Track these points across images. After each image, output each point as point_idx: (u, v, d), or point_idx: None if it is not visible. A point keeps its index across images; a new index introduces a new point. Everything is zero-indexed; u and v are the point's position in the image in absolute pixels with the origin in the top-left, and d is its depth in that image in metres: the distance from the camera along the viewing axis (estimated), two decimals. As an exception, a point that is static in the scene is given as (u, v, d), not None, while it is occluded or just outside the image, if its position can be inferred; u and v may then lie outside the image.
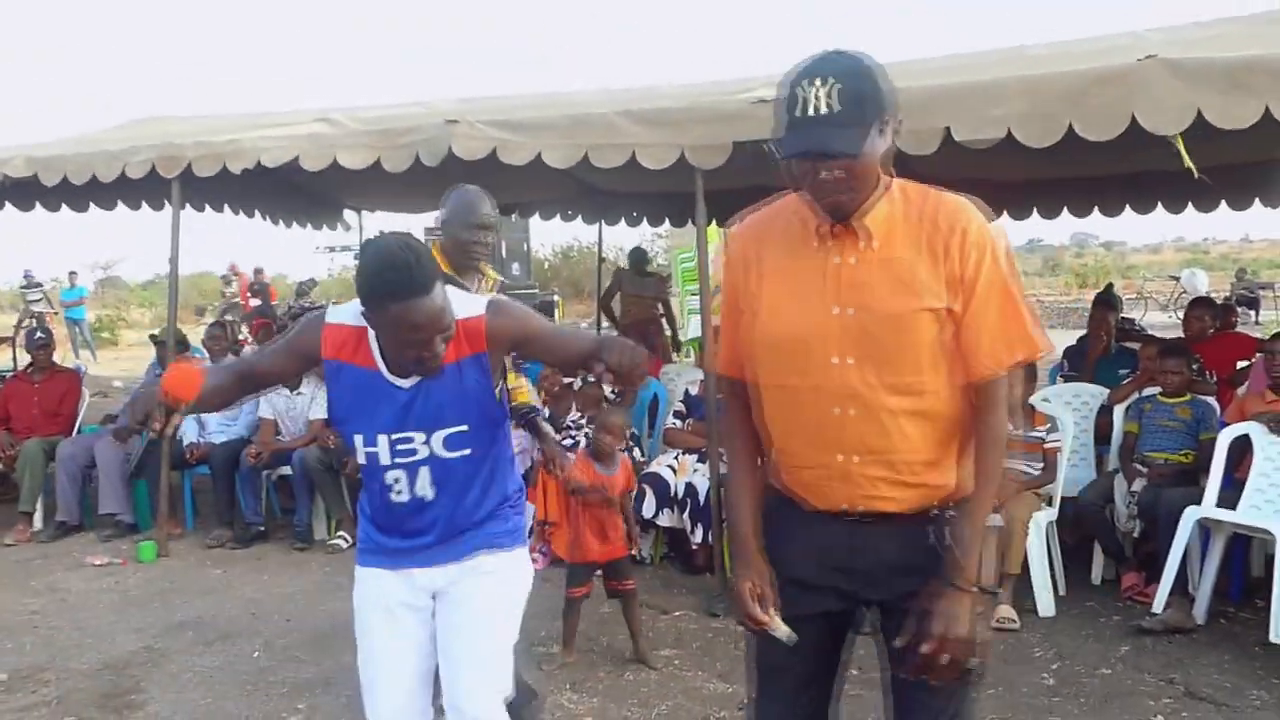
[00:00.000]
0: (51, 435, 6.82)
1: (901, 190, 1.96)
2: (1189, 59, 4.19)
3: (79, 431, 7.01)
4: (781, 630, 2.02)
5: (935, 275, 1.89)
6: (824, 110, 1.80)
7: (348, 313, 2.33)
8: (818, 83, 1.80)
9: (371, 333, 2.27)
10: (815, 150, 1.83)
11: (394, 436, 2.31)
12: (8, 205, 7.56)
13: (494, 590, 2.45)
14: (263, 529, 6.38)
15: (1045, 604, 4.70)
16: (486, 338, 2.31)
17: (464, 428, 2.32)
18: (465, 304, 2.30)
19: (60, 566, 5.91)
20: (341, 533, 6.16)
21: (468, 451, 2.35)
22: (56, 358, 7.58)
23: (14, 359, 8.91)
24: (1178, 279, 23.30)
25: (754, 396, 2.08)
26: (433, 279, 2.14)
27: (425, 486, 2.35)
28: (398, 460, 2.33)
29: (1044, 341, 1.98)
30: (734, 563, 2.12)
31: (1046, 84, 4.42)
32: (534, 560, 5.59)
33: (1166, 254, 51.79)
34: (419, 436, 2.31)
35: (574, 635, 4.29)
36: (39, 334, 7.32)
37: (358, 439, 2.34)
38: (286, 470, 6.42)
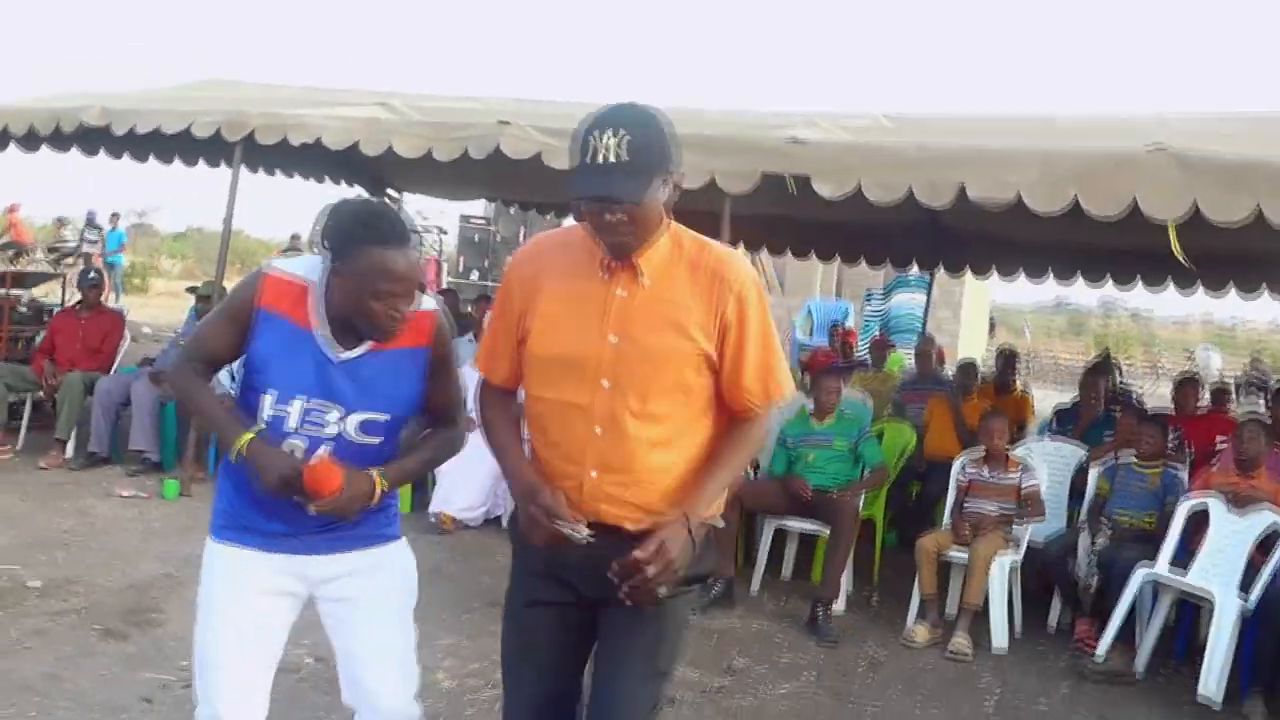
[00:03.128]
0: (91, 370, 7.21)
1: (677, 237, 2.15)
2: (1193, 153, 4.49)
3: (118, 371, 7.39)
4: (581, 531, 2.08)
5: (705, 320, 2.10)
6: (613, 159, 1.95)
7: (294, 266, 2.29)
8: (609, 133, 1.96)
9: (315, 292, 2.23)
10: (601, 195, 1.99)
11: (310, 404, 2.22)
12: (74, 149, 8.01)
13: (394, 585, 2.42)
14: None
15: (1000, 640, 5.02)
16: (432, 334, 2.32)
17: (384, 417, 2.29)
18: (419, 298, 2.28)
19: (89, 493, 6.30)
20: None
21: (379, 440, 2.30)
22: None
23: (63, 295, 9.33)
24: (1192, 356, 23.52)
25: (524, 403, 2.24)
26: (410, 237, 2.18)
27: None
28: (304, 430, 2.24)
29: (792, 387, 2.24)
30: (519, 501, 2.19)
31: (1060, 158, 4.74)
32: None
33: (1193, 330, 51.57)
34: (335, 412, 2.24)
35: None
36: (92, 274, 7.73)
37: (268, 397, 2.22)
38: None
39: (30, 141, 7.41)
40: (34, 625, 4.20)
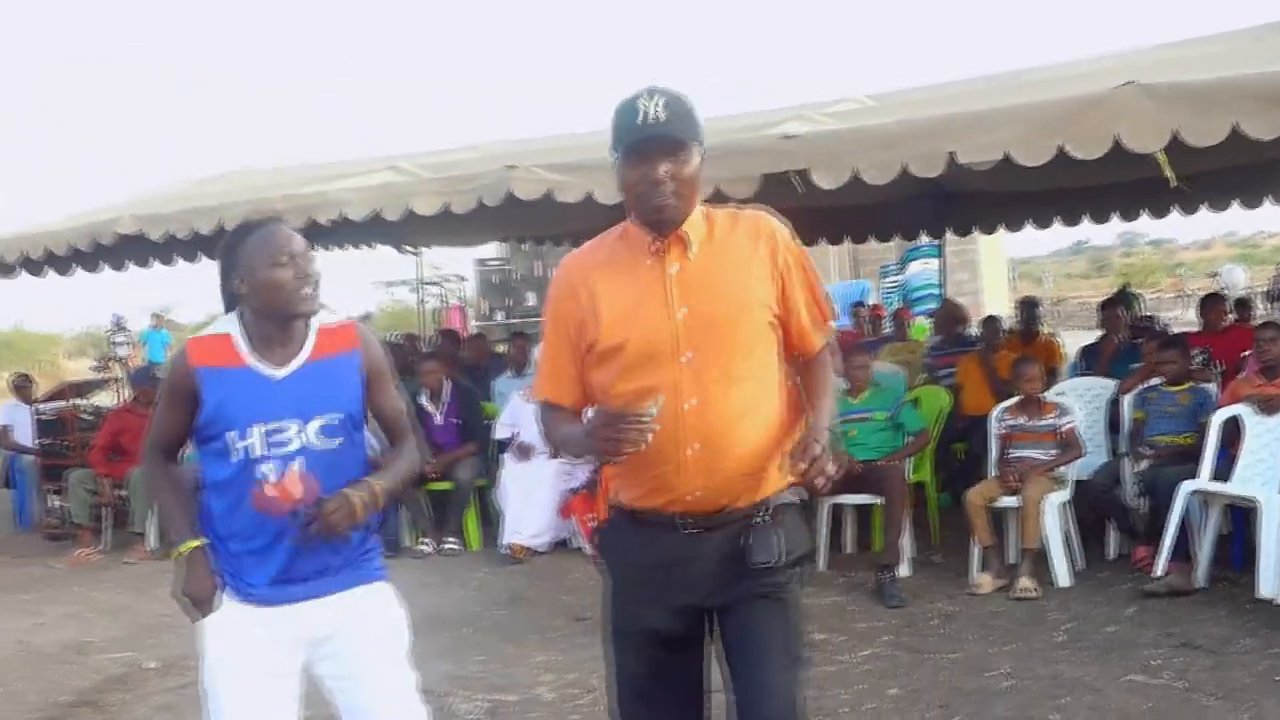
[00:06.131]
0: (161, 463, 7.56)
1: (708, 213, 2.27)
2: (1162, 84, 4.69)
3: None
4: (650, 409, 2.02)
5: (764, 274, 2.22)
6: (659, 117, 2.11)
7: (210, 328, 2.44)
8: (653, 98, 2.12)
9: (236, 335, 2.37)
10: (654, 135, 2.11)
11: (268, 426, 2.32)
12: (104, 266, 8.40)
13: (385, 632, 2.47)
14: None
15: (1062, 575, 5.23)
16: (358, 338, 2.45)
17: (338, 416, 2.38)
18: (328, 316, 2.46)
19: (180, 578, 6.61)
20: (425, 540, 6.81)
21: (340, 441, 2.38)
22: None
23: (119, 396, 9.74)
24: (1217, 275, 23.49)
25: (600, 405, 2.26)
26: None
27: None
28: (272, 451, 2.32)
29: (834, 308, 2.40)
30: (589, 443, 2.15)
31: (1038, 110, 4.96)
32: (594, 560, 6.27)
33: (1217, 249, 51.33)
34: (293, 426, 2.34)
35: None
36: (154, 373, 8.12)
37: (230, 437, 2.32)
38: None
39: (65, 263, 7.81)
40: (160, 702, 4.50)
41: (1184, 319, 18.12)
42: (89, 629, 5.69)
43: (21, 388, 9.25)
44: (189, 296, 37.99)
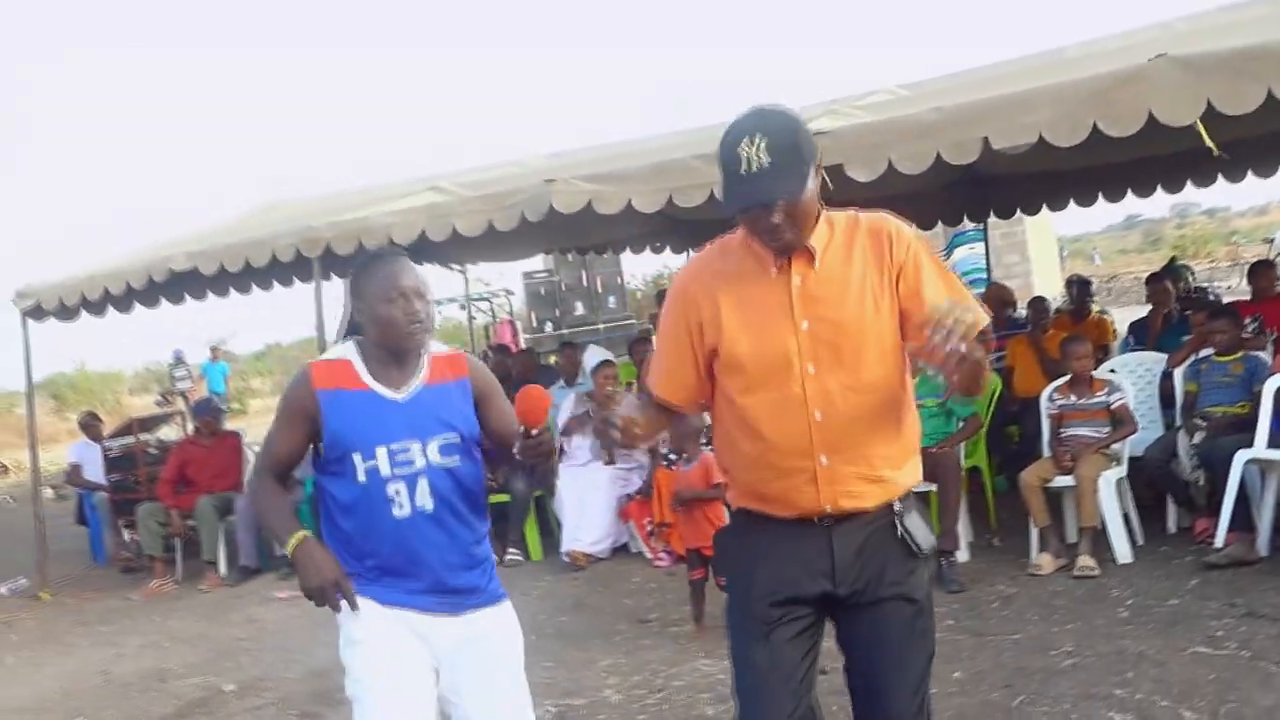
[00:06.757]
0: (225, 491, 7.78)
1: (829, 219, 2.23)
2: (1195, 54, 4.67)
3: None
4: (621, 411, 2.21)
5: (881, 274, 2.19)
6: (756, 168, 2.04)
7: (330, 353, 2.58)
8: (754, 141, 2.05)
9: (354, 358, 2.51)
10: (760, 200, 2.07)
11: (392, 447, 2.43)
12: (161, 302, 8.62)
13: (509, 650, 2.59)
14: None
15: (1122, 552, 5.20)
16: (468, 366, 2.60)
17: (455, 437, 2.50)
18: (437, 346, 2.60)
19: (252, 603, 6.81)
20: (513, 551, 6.88)
21: (460, 461, 2.50)
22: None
23: (183, 428, 10.01)
24: (1271, 241, 23.02)
25: (724, 415, 2.29)
26: (410, 262, 2.54)
27: (425, 497, 2.44)
28: (397, 471, 2.43)
29: (983, 313, 2.14)
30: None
31: (1070, 90, 4.94)
32: (660, 560, 6.34)
33: (1274, 214, 50.03)
34: (415, 445, 2.45)
35: (702, 612, 4.93)
36: (215, 404, 8.36)
37: (356, 460, 2.43)
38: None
39: (124, 301, 8.04)
40: (241, 723, 4.66)
41: (1240, 288, 17.79)
42: (167, 656, 5.87)
43: (90, 426, 9.52)
44: (242, 327, 38.58)
